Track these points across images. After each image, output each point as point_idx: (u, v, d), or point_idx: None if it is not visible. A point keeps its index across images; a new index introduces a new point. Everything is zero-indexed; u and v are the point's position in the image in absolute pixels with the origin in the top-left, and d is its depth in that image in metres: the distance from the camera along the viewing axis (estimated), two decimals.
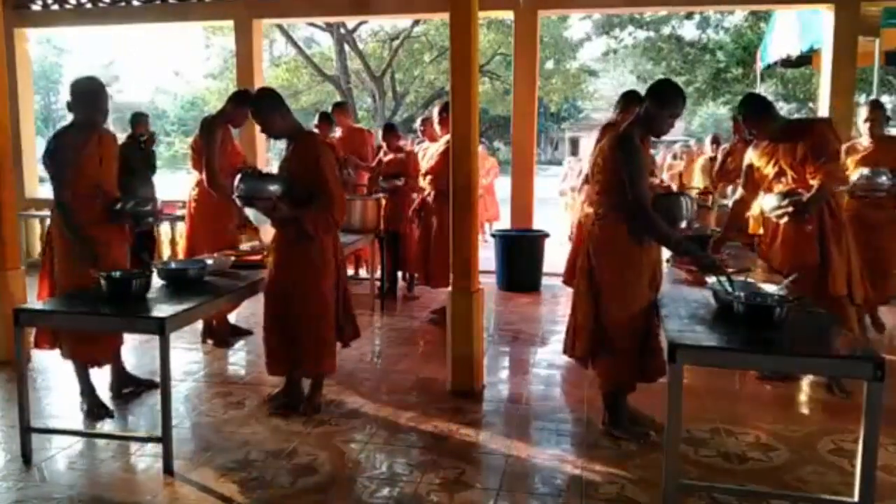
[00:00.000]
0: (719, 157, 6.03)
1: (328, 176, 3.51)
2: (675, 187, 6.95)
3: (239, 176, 3.52)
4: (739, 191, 4.27)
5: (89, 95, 3.62)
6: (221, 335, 5.03)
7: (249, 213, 3.52)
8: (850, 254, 4.00)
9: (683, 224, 3.51)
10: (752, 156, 4.13)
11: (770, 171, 4.01)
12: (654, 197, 3.40)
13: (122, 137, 7.08)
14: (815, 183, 3.83)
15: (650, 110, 3.19)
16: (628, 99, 4.83)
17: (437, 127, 5.84)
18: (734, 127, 5.99)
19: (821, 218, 3.94)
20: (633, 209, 3.18)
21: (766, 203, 4.00)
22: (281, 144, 4.01)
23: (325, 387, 4.10)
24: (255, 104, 3.65)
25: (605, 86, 37.32)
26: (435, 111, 5.81)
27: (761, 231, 4.48)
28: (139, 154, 6.68)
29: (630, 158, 3.16)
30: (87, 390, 3.75)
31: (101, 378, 4.28)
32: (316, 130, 6.70)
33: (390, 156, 6.50)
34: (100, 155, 3.66)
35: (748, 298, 2.80)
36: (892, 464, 3.13)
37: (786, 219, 3.90)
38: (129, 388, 4.00)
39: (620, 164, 3.18)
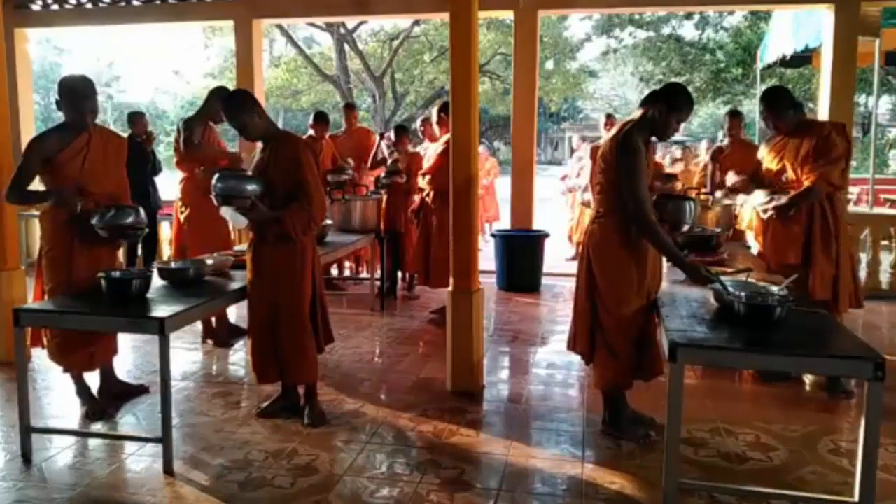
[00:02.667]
0: (709, 158, 5.95)
1: (308, 176, 3.42)
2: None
3: (217, 175, 3.43)
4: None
5: (74, 94, 3.50)
6: (221, 335, 5.04)
7: (225, 212, 3.41)
8: (839, 260, 4.00)
9: (686, 227, 3.52)
10: (763, 151, 4.21)
11: (774, 166, 4.05)
12: (657, 200, 3.41)
13: None
14: (807, 184, 3.88)
15: (659, 113, 3.17)
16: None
17: (435, 127, 5.84)
18: (730, 123, 5.93)
19: (811, 219, 3.95)
20: (631, 213, 3.16)
21: (754, 198, 4.08)
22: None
23: (325, 387, 4.11)
24: (230, 106, 3.47)
25: (605, 86, 37.37)
26: (434, 111, 5.81)
27: (745, 227, 4.53)
28: (138, 155, 6.68)
29: (630, 161, 3.14)
30: (83, 392, 3.75)
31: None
32: (311, 131, 6.70)
33: (396, 155, 6.52)
34: (84, 155, 3.53)
35: (748, 298, 2.80)
36: (892, 464, 3.13)
37: (769, 213, 3.97)
38: (117, 391, 3.90)
39: (620, 165, 3.17)
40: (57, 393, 4.03)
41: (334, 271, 7.10)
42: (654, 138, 3.29)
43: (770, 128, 4.15)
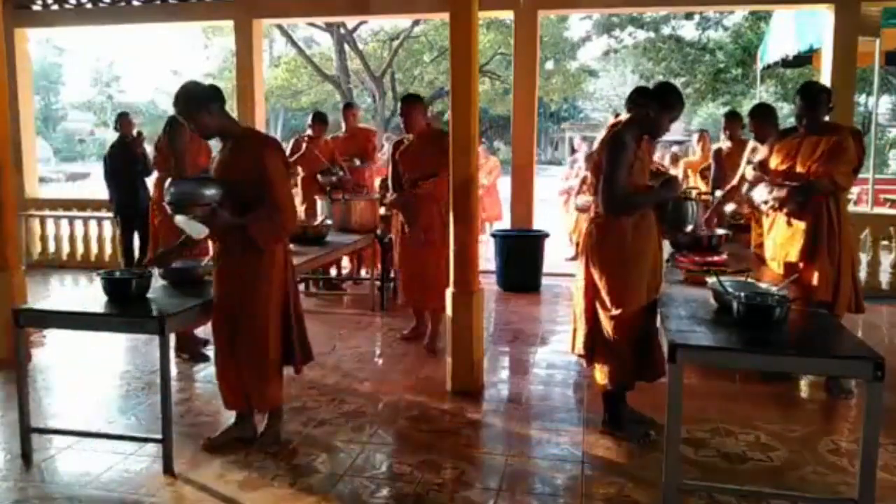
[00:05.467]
0: (711, 160, 5.93)
1: (275, 178, 3.07)
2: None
3: (170, 180, 3.20)
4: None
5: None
6: (193, 348, 4.72)
7: (180, 222, 3.10)
8: (841, 263, 3.99)
9: (689, 227, 3.54)
10: (776, 145, 4.20)
11: (783, 166, 4.04)
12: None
13: (114, 138, 7.06)
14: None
15: (653, 113, 3.21)
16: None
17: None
18: (729, 124, 5.93)
19: (817, 219, 3.95)
20: (603, 198, 3.19)
21: (755, 193, 4.07)
22: None
23: (326, 387, 4.11)
24: (176, 104, 3.12)
25: (605, 86, 37.40)
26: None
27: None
28: (127, 156, 6.64)
29: (612, 156, 3.19)
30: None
31: (105, 379, 4.29)
32: (309, 131, 6.68)
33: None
34: None
35: (748, 298, 2.80)
36: (892, 464, 3.13)
37: (770, 203, 3.99)
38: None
39: (605, 160, 3.22)
40: (57, 393, 4.03)
41: (332, 271, 7.11)
42: (645, 137, 3.31)
43: (801, 123, 4.01)
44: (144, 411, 3.77)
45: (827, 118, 4.05)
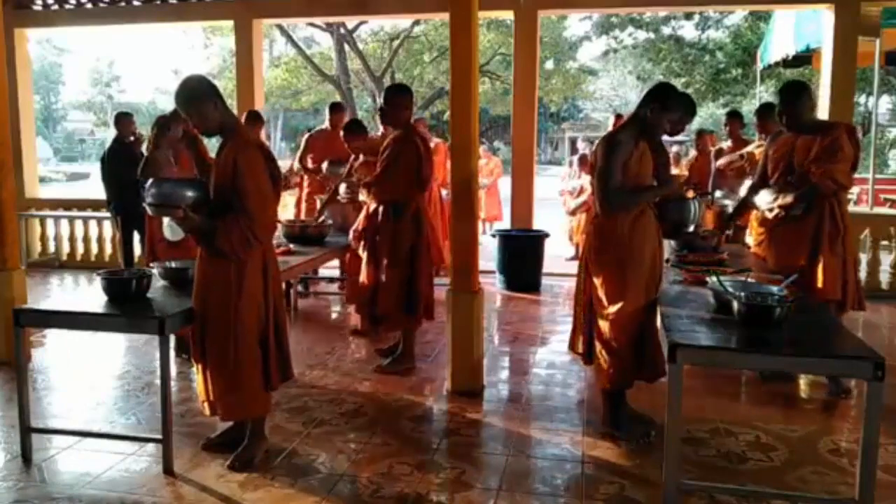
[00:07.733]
0: (712, 157, 5.95)
1: (247, 183, 2.87)
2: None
3: (151, 180, 3.19)
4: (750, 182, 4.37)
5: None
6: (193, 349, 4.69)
7: (164, 223, 3.15)
8: (846, 259, 3.99)
9: (691, 227, 3.54)
10: (769, 149, 4.19)
11: (779, 165, 4.04)
12: (660, 201, 3.43)
13: (110, 139, 7.04)
14: (813, 181, 3.89)
15: (651, 113, 3.21)
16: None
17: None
18: (730, 124, 5.95)
19: (819, 220, 3.95)
20: (598, 196, 3.22)
21: (759, 199, 4.05)
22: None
23: (326, 386, 4.11)
24: (179, 96, 2.96)
25: (605, 86, 37.40)
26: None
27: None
28: (128, 157, 6.62)
29: (606, 155, 3.20)
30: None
31: (105, 379, 4.29)
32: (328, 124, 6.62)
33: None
34: None
35: (748, 298, 2.80)
36: (892, 464, 3.13)
37: (776, 211, 3.96)
38: None
39: (599, 159, 3.23)
40: (57, 393, 4.03)
41: (330, 272, 7.09)
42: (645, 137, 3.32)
43: (783, 124, 4.03)
44: (144, 411, 3.77)
45: (821, 117, 4.06)
